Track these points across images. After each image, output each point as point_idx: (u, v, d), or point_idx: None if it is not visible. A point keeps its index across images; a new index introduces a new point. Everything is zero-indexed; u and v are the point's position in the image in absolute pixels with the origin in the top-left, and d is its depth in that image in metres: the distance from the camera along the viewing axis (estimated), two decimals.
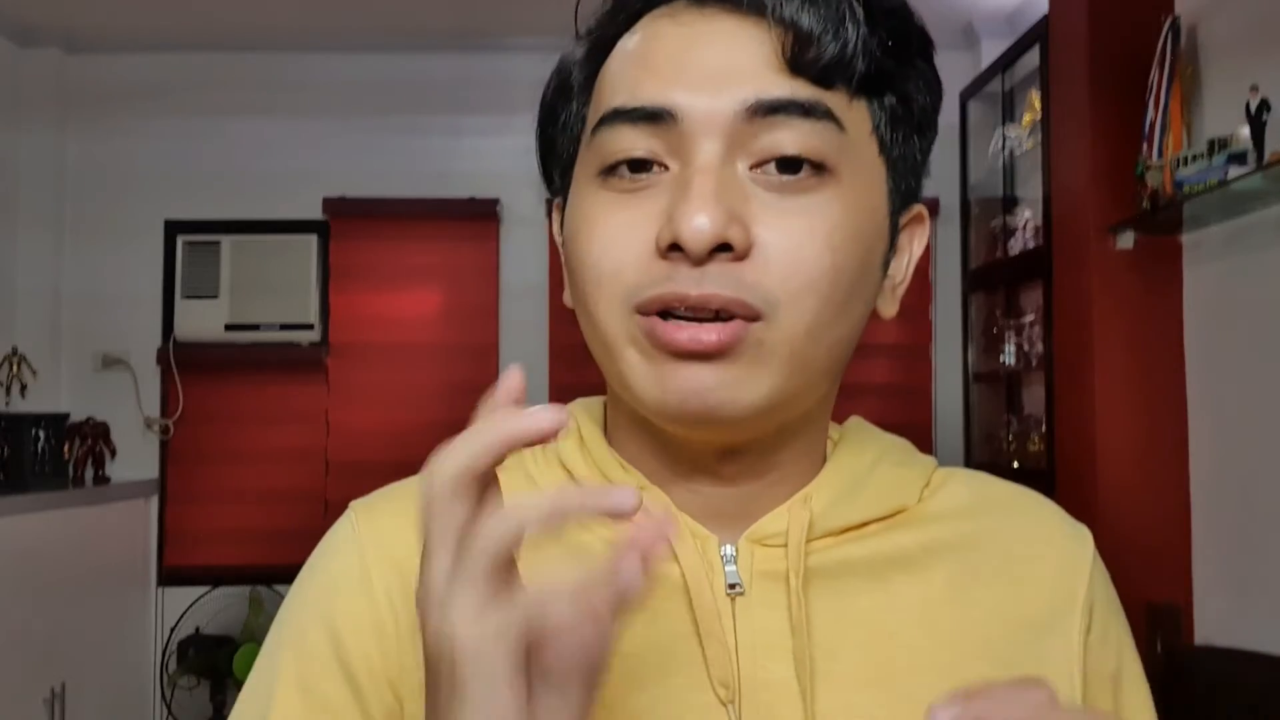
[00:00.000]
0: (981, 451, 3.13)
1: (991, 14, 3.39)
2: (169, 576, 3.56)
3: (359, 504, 0.64)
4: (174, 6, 3.34)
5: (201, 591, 3.47)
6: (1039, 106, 2.71)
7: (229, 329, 3.51)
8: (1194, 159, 2.00)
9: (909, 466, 0.64)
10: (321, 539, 0.64)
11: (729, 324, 0.53)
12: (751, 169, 0.54)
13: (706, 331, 0.53)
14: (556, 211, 0.65)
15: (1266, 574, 2.01)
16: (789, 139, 0.54)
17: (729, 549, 0.59)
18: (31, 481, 3.20)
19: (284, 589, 3.78)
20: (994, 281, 3.05)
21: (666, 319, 0.54)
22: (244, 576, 3.47)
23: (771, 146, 0.54)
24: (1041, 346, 2.69)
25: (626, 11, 0.59)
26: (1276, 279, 1.98)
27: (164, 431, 3.59)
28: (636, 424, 0.60)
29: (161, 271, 3.59)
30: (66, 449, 3.38)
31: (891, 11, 0.57)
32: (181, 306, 3.54)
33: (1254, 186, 1.89)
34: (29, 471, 3.21)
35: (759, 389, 0.54)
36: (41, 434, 3.28)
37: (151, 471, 3.59)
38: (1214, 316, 2.18)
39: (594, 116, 0.58)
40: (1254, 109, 1.88)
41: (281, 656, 0.60)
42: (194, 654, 3.38)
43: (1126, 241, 2.26)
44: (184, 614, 3.45)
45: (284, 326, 3.53)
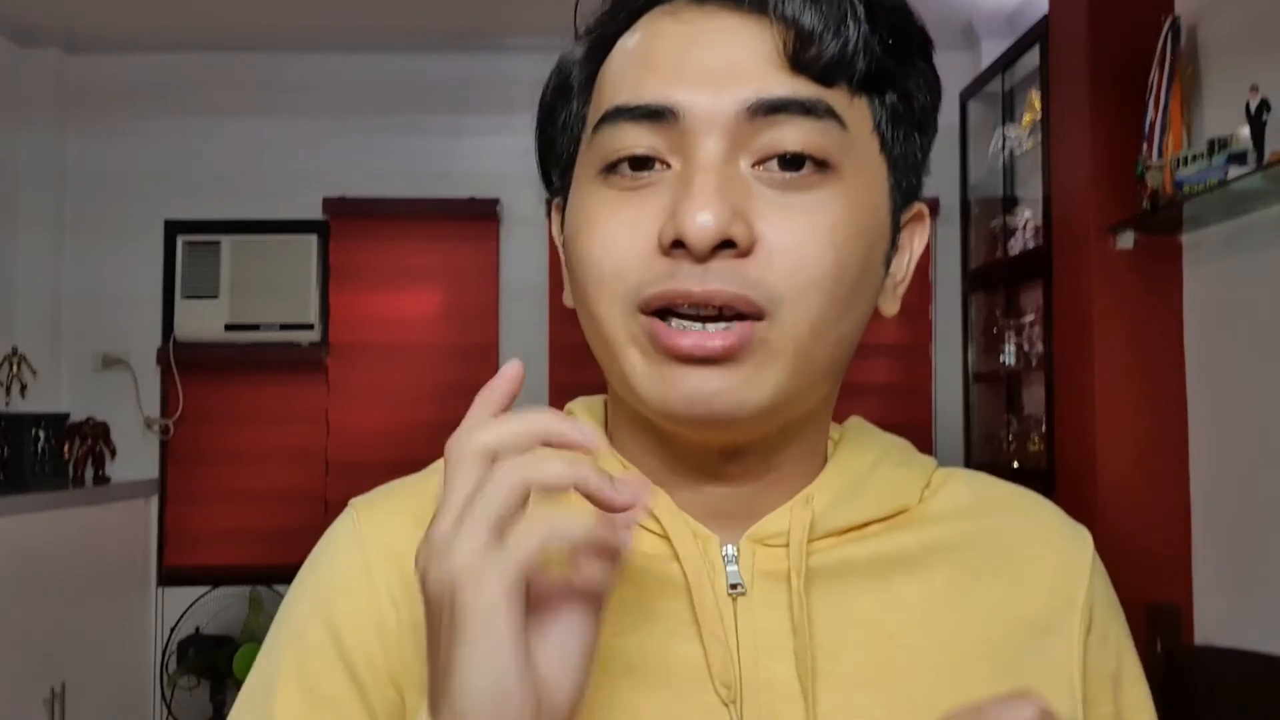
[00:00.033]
0: (981, 451, 3.13)
1: (991, 14, 3.39)
2: (169, 576, 3.56)
3: (359, 501, 0.64)
4: (174, 6, 3.34)
5: (201, 591, 3.47)
6: (1039, 106, 2.71)
7: (229, 329, 3.51)
8: (1194, 159, 2.00)
9: (909, 467, 0.64)
10: (321, 537, 0.64)
11: (734, 329, 0.53)
12: (754, 166, 0.54)
13: (711, 338, 0.53)
14: (556, 212, 0.64)
15: (1266, 574, 2.01)
16: (791, 136, 0.54)
17: (730, 549, 0.59)
18: (31, 481, 3.20)
19: (284, 589, 3.80)
20: (994, 281, 3.05)
21: (667, 319, 0.54)
22: (244, 576, 3.47)
23: (774, 143, 0.54)
24: (1041, 346, 2.69)
25: (627, 10, 0.59)
26: (1276, 279, 1.98)
27: (164, 431, 3.59)
28: (637, 423, 0.60)
29: (161, 271, 3.59)
30: (66, 449, 3.38)
31: (892, 10, 0.57)
32: (181, 306, 3.54)
33: (1254, 186, 1.89)
34: (29, 471, 3.21)
35: (765, 390, 0.54)
36: (41, 434, 3.29)
37: (151, 471, 3.59)
38: (1214, 316, 2.18)
39: (595, 115, 0.58)
40: (1254, 109, 1.88)
41: (282, 654, 0.60)
42: (194, 654, 3.38)
43: (1126, 241, 2.26)
44: (184, 614, 3.45)
45: (284, 326, 3.53)
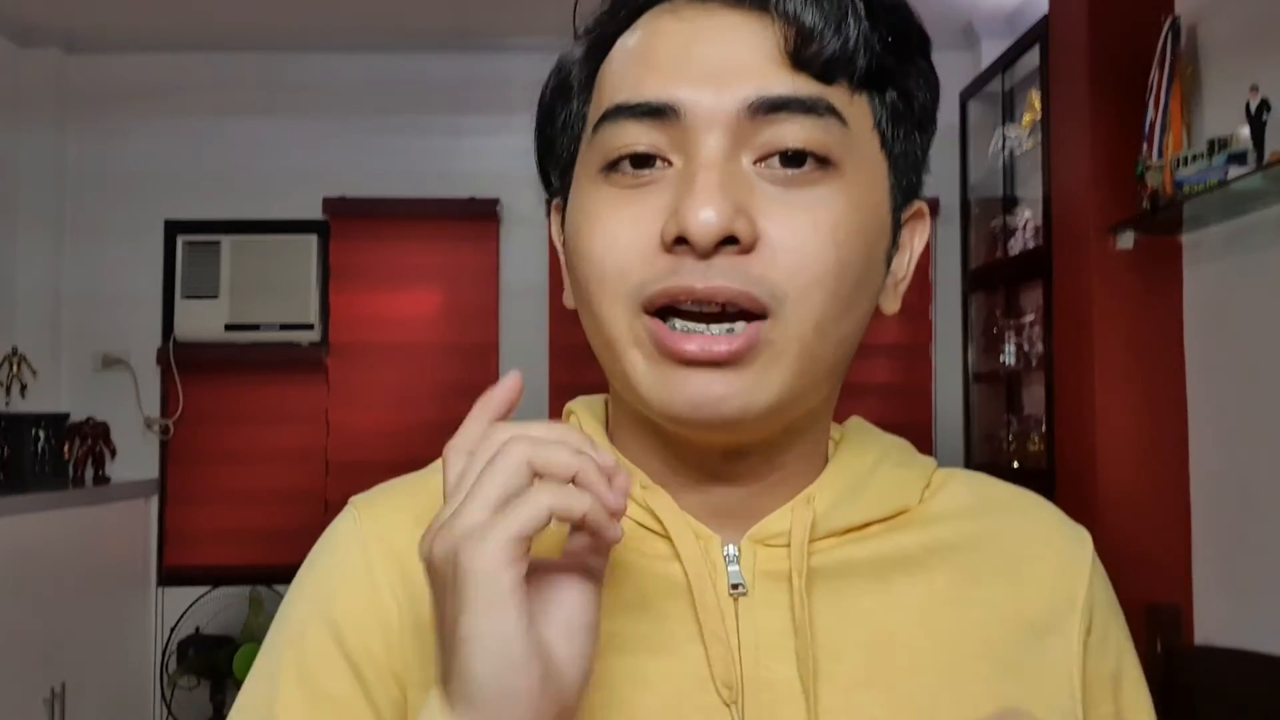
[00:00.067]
0: (981, 451, 3.13)
1: (991, 14, 3.39)
2: (169, 576, 3.56)
3: (359, 499, 0.64)
4: (174, 6, 3.34)
5: (201, 591, 3.48)
6: (1039, 106, 2.71)
7: (229, 329, 3.51)
8: (1194, 159, 2.00)
9: (909, 467, 0.64)
10: (321, 537, 0.64)
11: (739, 333, 0.53)
12: (755, 163, 0.54)
13: (717, 343, 0.53)
14: (555, 213, 0.64)
15: (1266, 574, 2.01)
16: (793, 133, 0.54)
17: (731, 549, 0.59)
18: (31, 481, 3.20)
19: (284, 589, 3.80)
20: (994, 281, 3.05)
21: (669, 319, 0.54)
22: (244, 576, 3.47)
23: (775, 140, 0.54)
24: (1041, 346, 2.69)
25: (627, 8, 0.59)
26: (1276, 279, 1.98)
27: (164, 431, 3.59)
28: (639, 423, 0.60)
29: (161, 271, 3.59)
30: (66, 449, 3.38)
31: (892, 9, 0.57)
32: (181, 306, 3.54)
33: (1254, 186, 1.89)
34: (29, 471, 3.21)
35: (771, 391, 0.54)
36: (41, 434, 3.29)
37: (151, 471, 3.59)
38: (1214, 316, 2.18)
39: (595, 114, 0.58)
40: (1254, 109, 1.88)
41: (283, 654, 0.60)
42: (194, 654, 3.38)
43: (1126, 241, 2.26)
44: (184, 614, 3.45)
45: (284, 326, 3.53)
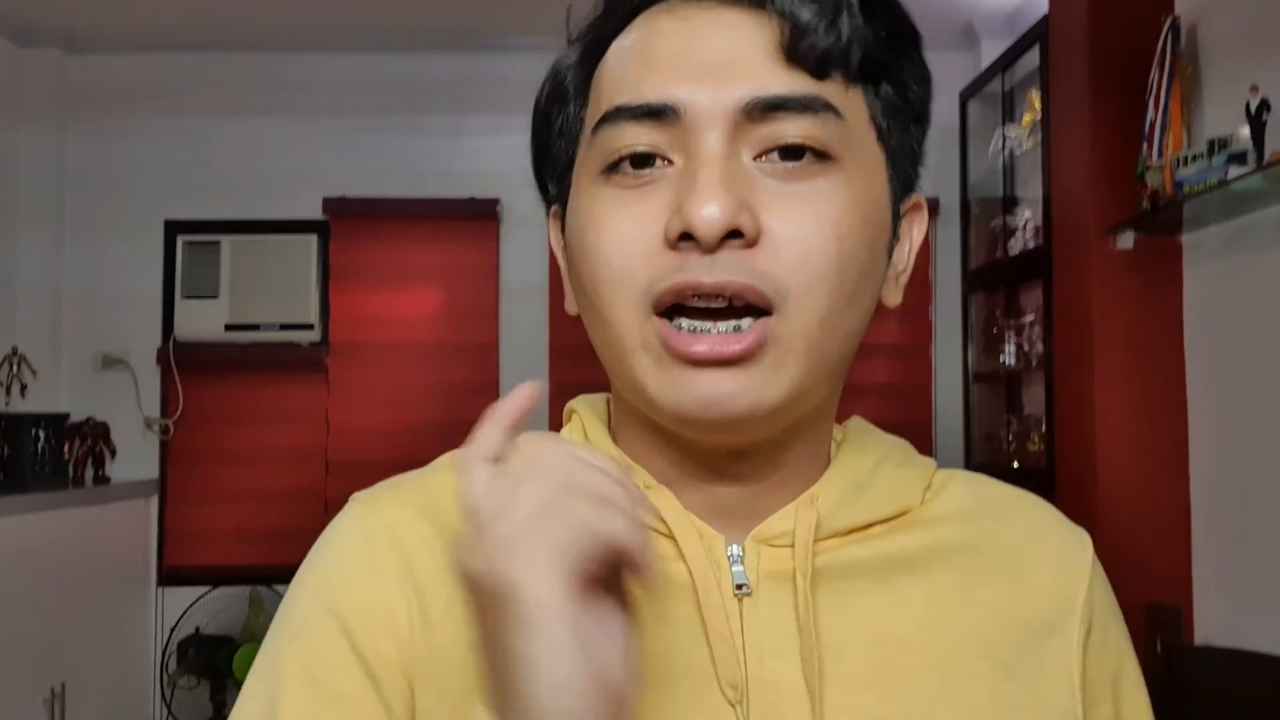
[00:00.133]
0: (981, 451, 3.13)
1: (991, 14, 3.39)
2: (169, 576, 3.56)
3: (362, 496, 0.63)
4: (174, 6, 3.34)
5: (201, 591, 3.48)
6: (1039, 106, 2.71)
7: (229, 329, 3.51)
8: (1194, 159, 2.00)
9: (910, 468, 0.64)
10: (323, 534, 0.63)
11: (747, 332, 0.53)
12: (756, 159, 0.55)
13: (726, 343, 0.53)
14: (554, 220, 0.64)
15: (1266, 574, 2.01)
16: (790, 129, 0.54)
17: (735, 549, 0.59)
18: (31, 481, 3.20)
19: (284, 589, 3.79)
20: (994, 281, 3.05)
21: (675, 319, 0.54)
22: (244, 576, 3.47)
23: (774, 136, 0.55)
24: (1041, 346, 2.69)
25: (621, 10, 0.59)
26: (1276, 279, 1.98)
27: (164, 431, 3.59)
28: (642, 423, 0.60)
29: (161, 271, 3.60)
30: (66, 449, 3.38)
31: (885, 5, 0.58)
32: (181, 306, 3.54)
33: (1254, 186, 1.89)
34: (29, 471, 3.21)
35: (779, 389, 0.54)
36: (41, 434, 3.29)
37: (151, 471, 3.59)
38: (1214, 316, 2.18)
39: (594, 116, 0.58)
40: (1254, 109, 1.88)
41: (287, 651, 0.59)
42: (194, 654, 3.38)
43: (1126, 241, 2.26)
44: (184, 614, 3.45)
45: (284, 326, 3.53)
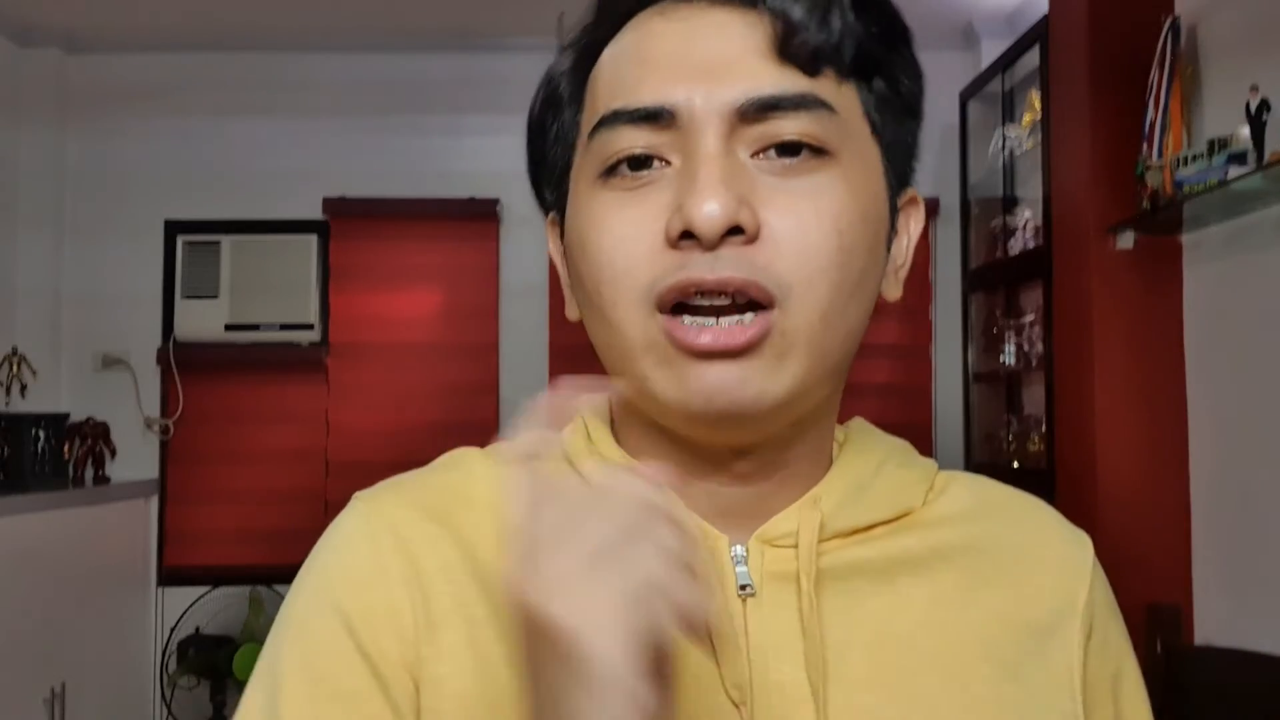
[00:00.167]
0: (981, 451, 3.13)
1: (991, 14, 3.39)
2: (169, 576, 3.56)
3: (365, 495, 0.63)
4: (174, 6, 3.34)
5: (201, 591, 3.48)
6: (1039, 106, 2.71)
7: (229, 329, 3.51)
8: (1194, 159, 2.00)
9: (912, 469, 0.64)
10: (326, 532, 0.63)
11: (750, 323, 0.53)
12: (753, 156, 0.55)
13: (730, 334, 0.53)
14: (552, 227, 0.65)
15: (1266, 574, 2.01)
16: (786, 127, 0.55)
17: (739, 549, 0.59)
18: (31, 481, 3.20)
19: (284, 589, 3.77)
20: (994, 281, 3.05)
21: (679, 314, 0.54)
22: (244, 576, 3.47)
23: (770, 134, 0.55)
24: (1041, 346, 2.69)
25: (612, 15, 0.60)
26: (1276, 279, 1.98)
27: (164, 431, 3.59)
28: (646, 424, 0.60)
29: (161, 271, 3.59)
30: (66, 449, 3.38)
31: (875, 1, 0.58)
32: (181, 306, 3.54)
33: (1254, 186, 1.89)
34: (29, 471, 3.21)
35: (783, 381, 0.54)
36: (41, 434, 3.29)
37: (151, 471, 3.59)
38: (1214, 316, 2.18)
39: (590, 120, 0.58)
40: (1254, 109, 1.88)
41: (289, 649, 0.58)
42: (194, 654, 3.38)
43: (1126, 241, 2.26)
44: (184, 614, 3.45)
45: (284, 326, 3.53)
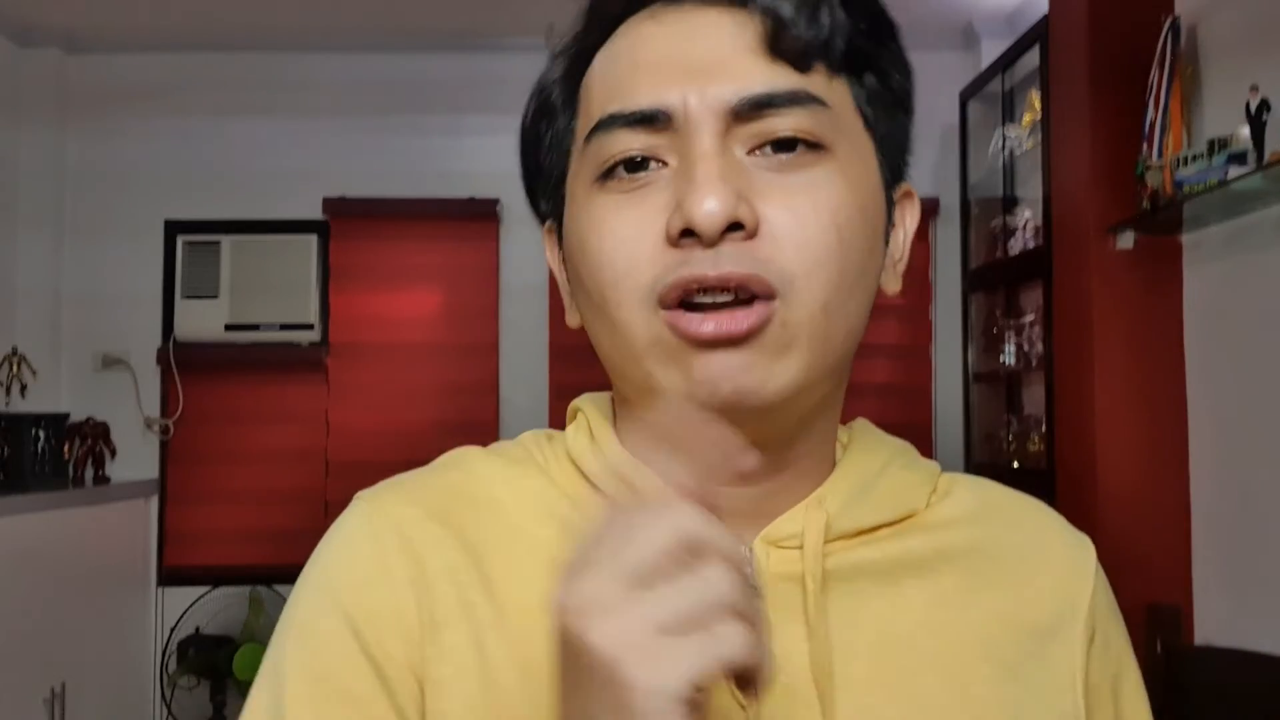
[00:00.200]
0: (981, 451, 3.12)
1: (991, 14, 3.39)
2: (169, 576, 3.56)
3: (367, 494, 0.63)
4: (174, 6, 3.34)
5: (201, 591, 3.48)
6: (1039, 106, 2.71)
7: (229, 329, 3.51)
8: (1194, 159, 2.00)
9: (915, 471, 0.64)
10: (328, 532, 0.62)
11: (753, 308, 0.53)
12: (749, 153, 0.55)
13: (732, 320, 0.53)
14: (549, 235, 0.65)
15: (1266, 574, 2.01)
16: (781, 123, 0.55)
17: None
18: (31, 481, 3.20)
19: (284, 589, 3.75)
20: (994, 281, 3.05)
21: (686, 310, 0.54)
22: (244, 576, 3.47)
23: (765, 131, 0.55)
24: (1041, 346, 2.69)
25: (602, 21, 0.60)
26: (1276, 279, 1.98)
27: (164, 431, 3.59)
28: (650, 425, 0.60)
29: (161, 271, 3.59)
30: (66, 449, 3.38)
31: None
32: (181, 306, 3.54)
33: (1254, 186, 1.89)
34: (29, 471, 3.21)
35: (787, 371, 0.54)
36: (41, 434, 3.29)
37: (151, 471, 3.59)
38: (1214, 316, 2.18)
39: (585, 126, 0.59)
40: (1254, 109, 1.88)
41: (293, 651, 0.58)
42: (194, 654, 3.38)
43: (1126, 241, 2.26)
44: (184, 614, 3.45)
45: (284, 326, 3.53)
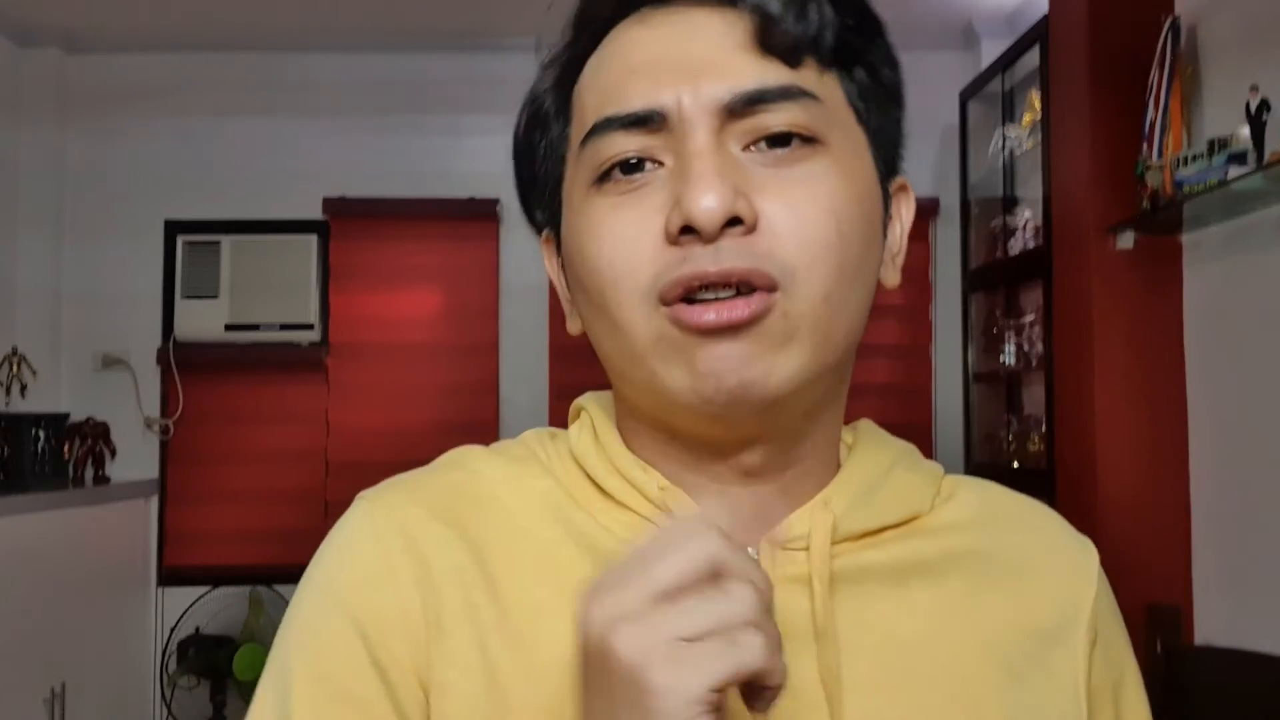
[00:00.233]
0: (981, 451, 3.12)
1: (991, 14, 3.39)
2: (169, 576, 3.56)
3: (369, 494, 0.62)
4: (174, 6, 3.34)
5: (201, 591, 3.48)
6: (1039, 106, 2.71)
7: (229, 329, 3.51)
8: (1194, 159, 2.00)
9: (920, 473, 0.64)
10: (331, 532, 0.62)
11: (754, 296, 0.53)
12: (744, 149, 0.56)
13: (732, 308, 0.53)
14: (547, 245, 0.65)
15: (1266, 574, 2.01)
16: (774, 119, 0.55)
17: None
18: (31, 481, 3.20)
19: (284, 589, 3.74)
20: (994, 281, 3.05)
21: (689, 304, 0.54)
22: (244, 576, 3.47)
23: (759, 127, 0.55)
24: (1041, 346, 2.69)
25: (592, 28, 0.60)
26: (1276, 279, 1.98)
27: (164, 431, 3.59)
28: (653, 426, 0.60)
29: (161, 271, 3.59)
30: (66, 449, 3.38)
31: None
32: (181, 306, 3.54)
33: (1254, 186, 1.89)
34: (29, 471, 3.21)
35: (790, 362, 0.54)
36: (41, 434, 3.29)
37: (151, 471, 3.59)
38: (1214, 316, 2.18)
39: (579, 132, 0.59)
40: (1254, 109, 1.88)
41: (298, 653, 0.58)
42: (194, 654, 3.38)
43: (1126, 241, 2.26)
44: (184, 614, 3.45)
45: (284, 326, 3.53)
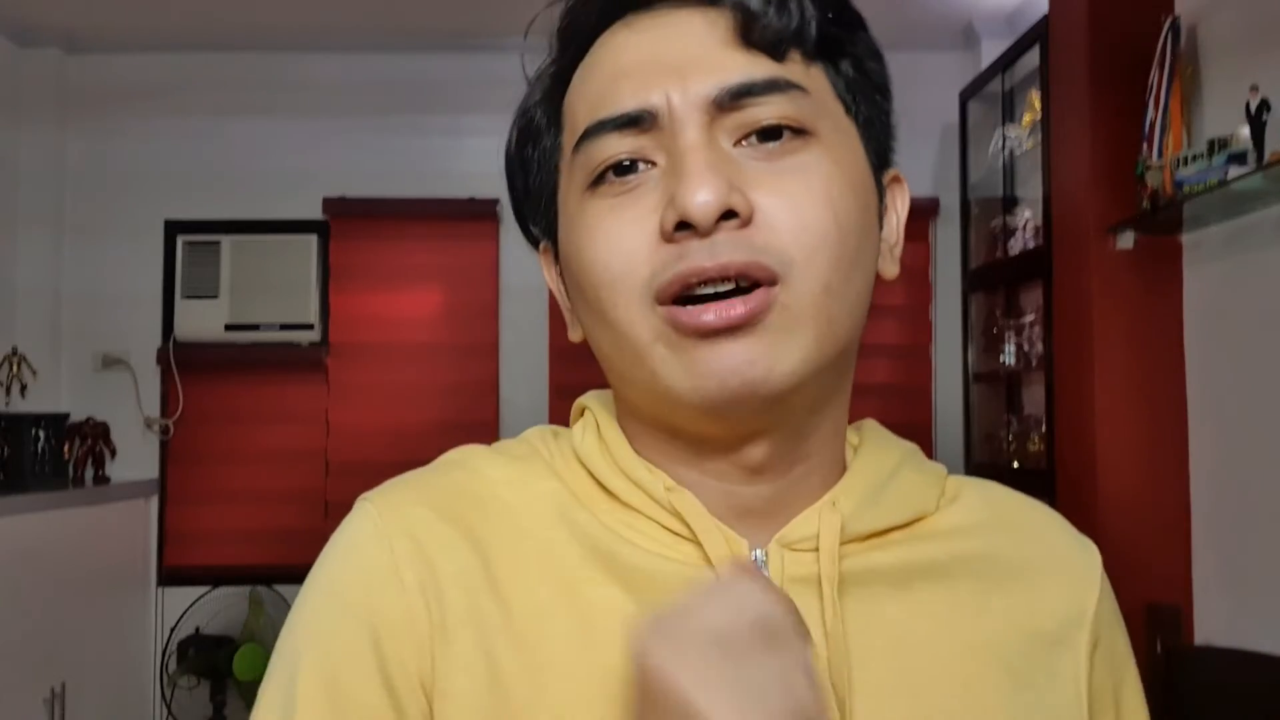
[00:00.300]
0: (981, 451, 3.12)
1: (991, 14, 3.39)
2: (169, 576, 3.56)
3: (373, 495, 0.62)
4: (174, 6, 3.33)
5: (201, 591, 3.47)
6: (1039, 106, 2.71)
7: (229, 329, 3.51)
8: (1194, 159, 2.00)
9: (925, 473, 0.64)
10: (335, 534, 0.61)
11: (753, 294, 0.53)
12: (736, 145, 0.56)
13: (733, 306, 0.53)
14: (545, 256, 0.65)
15: (1266, 574, 2.01)
16: (763, 112, 0.56)
17: (759, 553, 0.58)
18: (31, 481, 3.20)
19: (284, 589, 3.73)
20: (994, 281, 3.05)
21: (686, 305, 0.54)
22: (244, 576, 3.46)
23: (749, 121, 0.56)
24: (1041, 346, 2.69)
25: (578, 38, 0.61)
26: (1276, 279, 1.98)
27: (164, 431, 3.59)
28: (656, 426, 0.60)
29: (161, 271, 3.59)
30: (66, 449, 3.38)
31: None
32: (181, 306, 3.54)
33: (1254, 186, 1.89)
34: (29, 471, 3.21)
35: (792, 356, 0.54)
36: (41, 434, 3.28)
37: (151, 471, 3.59)
38: (1214, 316, 2.18)
39: (572, 138, 0.59)
40: (1254, 109, 1.88)
41: (304, 654, 0.57)
42: (194, 654, 3.37)
43: (1126, 241, 2.26)
44: (184, 614, 3.45)
45: (284, 326, 3.53)
